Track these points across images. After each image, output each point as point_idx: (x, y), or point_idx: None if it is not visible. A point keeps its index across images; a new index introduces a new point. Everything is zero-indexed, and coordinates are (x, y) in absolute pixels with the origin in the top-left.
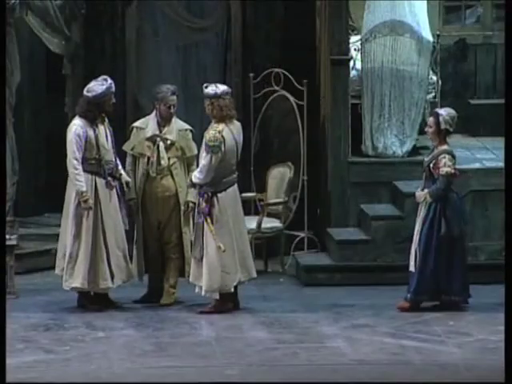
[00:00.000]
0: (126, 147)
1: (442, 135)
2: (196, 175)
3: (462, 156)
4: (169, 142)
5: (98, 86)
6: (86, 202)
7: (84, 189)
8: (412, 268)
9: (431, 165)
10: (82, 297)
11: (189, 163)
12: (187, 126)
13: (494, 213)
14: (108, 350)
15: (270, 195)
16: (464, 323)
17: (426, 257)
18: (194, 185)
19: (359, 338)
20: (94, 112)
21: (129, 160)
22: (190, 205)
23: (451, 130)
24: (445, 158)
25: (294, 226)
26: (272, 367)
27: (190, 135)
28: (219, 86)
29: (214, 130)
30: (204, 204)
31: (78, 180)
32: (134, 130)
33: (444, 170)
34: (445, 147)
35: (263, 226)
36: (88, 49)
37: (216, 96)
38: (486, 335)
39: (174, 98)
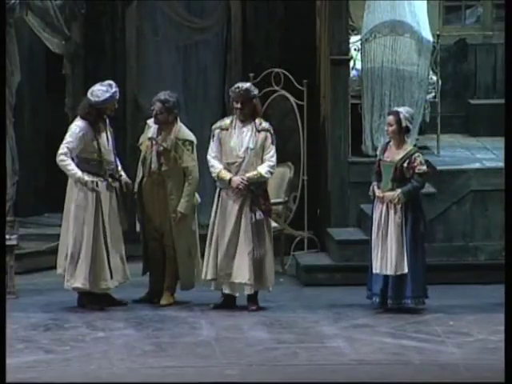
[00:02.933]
0: (139, 141)
1: (402, 133)
2: (270, 170)
3: (462, 156)
4: (161, 148)
5: (101, 91)
6: (86, 184)
7: (79, 174)
8: (389, 271)
9: (405, 164)
10: (83, 297)
11: (184, 173)
12: (189, 137)
13: (494, 213)
14: (108, 349)
15: (270, 195)
16: (464, 323)
17: (417, 257)
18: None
19: (359, 338)
20: (94, 115)
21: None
22: (179, 215)
23: (411, 127)
24: (419, 156)
25: (294, 226)
26: (272, 367)
27: (190, 147)
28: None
29: (267, 123)
30: (263, 201)
31: (69, 169)
32: (146, 126)
33: (421, 168)
34: (411, 146)
35: None
36: (88, 49)
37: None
38: (486, 335)
39: (158, 105)
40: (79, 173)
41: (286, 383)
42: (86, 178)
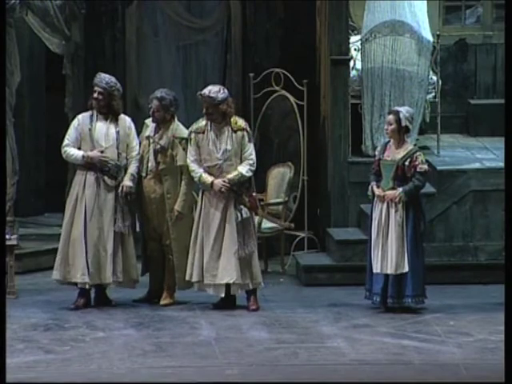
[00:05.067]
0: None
1: (402, 132)
2: (251, 168)
3: (462, 156)
4: (158, 146)
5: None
6: (93, 159)
7: (80, 154)
8: (389, 270)
9: (406, 163)
10: (80, 294)
11: (180, 172)
12: (185, 136)
13: (494, 213)
14: (108, 350)
15: (270, 195)
16: (464, 323)
17: (418, 256)
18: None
19: (359, 337)
20: (91, 101)
21: None
22: (176, 213)
23: (411, 126)
24: (420, 155)
25: (294, 225)
26: (272, 367)
27: (187, 145)
28: (217, 86)
29: (242, 121)
30: (247, 199)
31: (71, 154)
32: (144, 125)
33: (423, 167)
34: (412, 146)
35: (263, 225)
36: (88, 49)
37: (228, 96)
38: (486, 335)
39: (155, 102)
40: (80, 153)
41: (286, 383)
42: (88, 153)
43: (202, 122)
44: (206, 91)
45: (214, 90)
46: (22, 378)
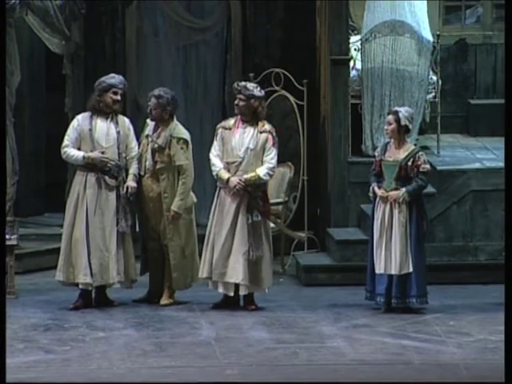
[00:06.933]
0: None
1: (402, 132)
2: (269, 172)
3: (462, 156)
4: (156, 145)
5: (105, 77)
6: (94, 159)
7: (81, 155)
8: (393, 271)
9: (409, 163)
10: (80, 295)
11: (178, 171)
12: (183, 136)
13: (494, 213)
14: (108, 350)
15: (270, 195)
16: (464, 323)
17: (421, 256)
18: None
19: (359, 337)
20: (93, 102)
21: None
22: (172, 213)
23: (410, 126)
24: (423, 155)
25: (294, 226)
26: (272, 367)
27: (184, 145)
28: (255, 84)
29: (270, 126)
30: (262, 202)
31: (72, 155)
32: (145, 124)
33: (425, 167)
34: (413, 146)
35: None
36: (88, 49)
37: (263, 98)
38: (486, 335)
39: (153, 100)
40: (81, 154)
41: (286, 383)
42: (89, 153)
43: (231, 121)
44: (244, 82)
45: (252, 85)
46: (22, 378)
